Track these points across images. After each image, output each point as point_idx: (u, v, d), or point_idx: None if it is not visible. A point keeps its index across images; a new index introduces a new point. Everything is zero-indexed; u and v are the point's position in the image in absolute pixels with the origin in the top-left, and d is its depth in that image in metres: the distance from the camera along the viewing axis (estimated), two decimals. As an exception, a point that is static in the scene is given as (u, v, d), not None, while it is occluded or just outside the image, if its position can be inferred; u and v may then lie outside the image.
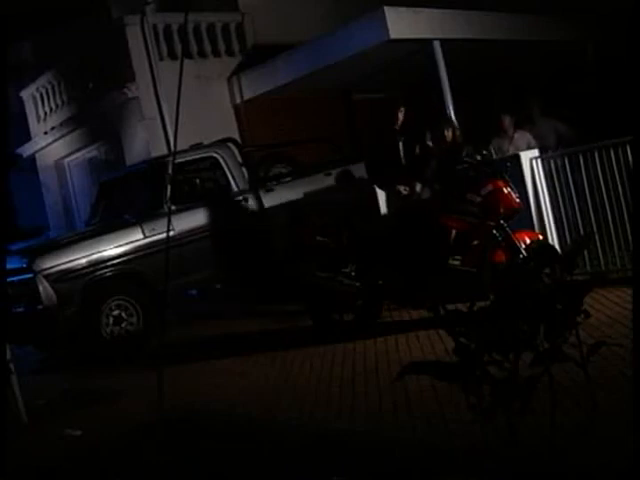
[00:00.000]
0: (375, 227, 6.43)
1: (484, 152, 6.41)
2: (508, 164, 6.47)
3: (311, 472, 3.64)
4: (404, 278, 6.05)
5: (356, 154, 9.43)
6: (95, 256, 7.47)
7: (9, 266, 6.66)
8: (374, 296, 6.25)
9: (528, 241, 6.14)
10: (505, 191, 6.08)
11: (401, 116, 7.45)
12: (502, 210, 6.02)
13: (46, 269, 7.17)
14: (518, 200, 6.19)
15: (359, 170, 9.05)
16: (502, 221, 6.05)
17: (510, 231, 6.02)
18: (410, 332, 5.98)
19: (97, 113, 11.40)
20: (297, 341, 6.58)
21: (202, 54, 11.39)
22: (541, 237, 6.73)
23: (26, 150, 13.45)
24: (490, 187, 6.07)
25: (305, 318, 6.64)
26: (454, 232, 6.06)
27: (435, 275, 5.92)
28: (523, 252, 5.93)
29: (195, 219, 8.04)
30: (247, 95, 11.34)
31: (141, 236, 7.70)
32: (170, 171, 7.83)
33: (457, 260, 5.98)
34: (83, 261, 7.38)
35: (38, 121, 13.12)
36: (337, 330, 6.32)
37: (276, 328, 7.36)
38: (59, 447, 4.85)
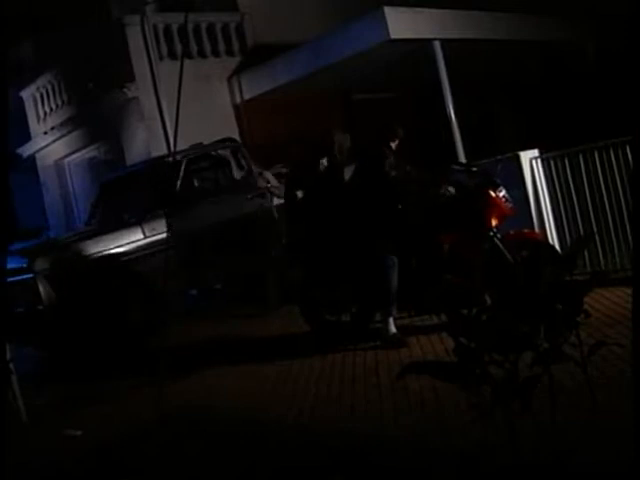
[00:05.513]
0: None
1: (473, 169, 6.33)
2: (500, 163, 6.41)
3: (311, 472, 3.65)
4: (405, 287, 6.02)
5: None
6: (95, 256, 7.48)
7: (9, 266, 6.65)
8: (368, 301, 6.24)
9: (526, 243, 6.09)
10: (495, 200, 5.95)
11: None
12: (493, 221, 5.95)
13: (46, 269, 7.17)
14: (510, 205, 6.10)
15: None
16: (493, 231, 5.96)
17: (499, 242, 5.93)
18: (410, 332, 5.98)
19: (97, 113, 11.41)
20: (297, 341, 6.58)
21: (202, 54, 11.41)
22: (541, 237, 6.72)
23: (26, 150, 13.46)
24: (479, 197, 5.99)
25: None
26: (447, 246, 5.99)
27: (430, 287, 5.86)
28: (511, 260, 5.85)
29: (195, 219, 8.03)
30: (247, 95, 11.35)
31: (141, 236, 7.71)
32: (170, 171, 7.85)
33: (450, 275, 5.92)
34: (83, 261, 7.38)
35: (38, 121, 13.13)
36: (334, 332, 6.32)
37: (276, 328, 7.35)
38: (59, 447, 4.86)
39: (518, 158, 7.10)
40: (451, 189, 6.08)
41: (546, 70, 12.23)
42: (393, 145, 6.21)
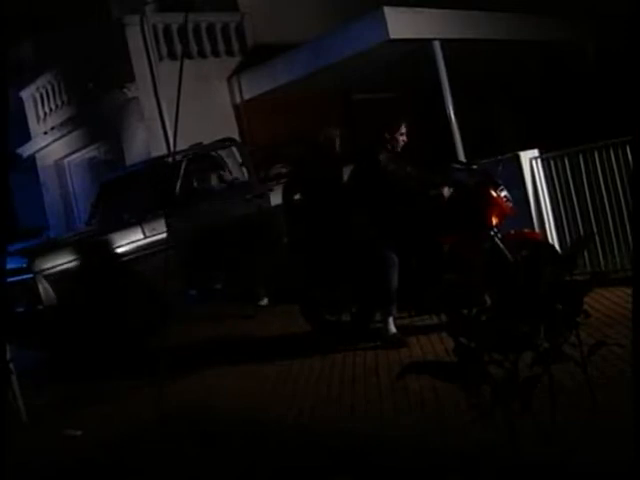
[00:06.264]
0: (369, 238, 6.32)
1: (473, 167, 6.31)
2: (500, 163, 6.40)
3: (311, 472, 3.65)
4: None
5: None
6: (95, 256, 7.47)
7: (9, 266, 6.64)
8: (368, 302, 6.24)
9: (526, 242, 6.08)
10: (496, 199, 5.94)
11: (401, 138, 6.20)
12: (494, 219, 5.94)
13: (46, 269, 7.17)
14: (510, 204, 6.09)
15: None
16: (494, 230, 5.95)
17: (499, 241, 5.91)
18: (410, 332, 5.99)
19: (97, 113, 11.41)
20: (297, 341, 6.58)
21: (202, 54, 11.41)
22: (541, 237, 6.72)
23: (26, 150, 13.46)
24: (480, 196, 5.96)
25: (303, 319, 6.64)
26: (447, 246, 5.98)
27: (430, 288, 5.85)
28: (511, 260, 5.83)
29: (195, 219, 8.02)
30: (247, 95, 11.36)
31: (141, 236, 7.71)
32: (170, 171, 7.85)
33: (451, 275, 5.91)
34: (83, 261, 7.38)
35: (38, 121, 13.13)
36: (334, 332, 6.33)
37: (276, 328, 7.35)
38: (59, 447, 4.86)
39: (518, 158, 7.09)
40: (451, 189, 6.07)
41: (546, 70, 12.23)
42: (392, 137, 6.16)
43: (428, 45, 9.55)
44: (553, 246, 6.76)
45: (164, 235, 7.34)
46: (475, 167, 6.28)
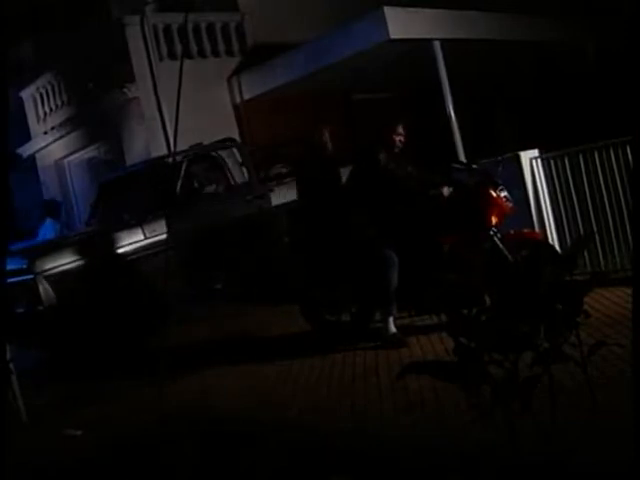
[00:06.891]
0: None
1: (473, 166, 6.30)
2: (501, 164, 6.39)
3: (311, 472, 3.64)
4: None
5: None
6: (95, 257, 7.47)
7: (9, 267, 6.63)
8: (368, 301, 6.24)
9: (525, 242, 6.08)
10: (495, 200, 5.93)
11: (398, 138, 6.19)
12: (494, 220, 5.94)
13: (46, 270, 7.17)
14: (510, 204, 6.08)
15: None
16: (493, 230, 5.93)
17: (499, 241, 5.90)
18: (410, 332, 5.98)
19: (97, 113, 11.42)
20: (297, 341, 6.58)
21: (202, 54, 11.41)
22: (541, 237, 6.72)
23: (26, 150, 13.46)
24: (480, 196, 5.95)
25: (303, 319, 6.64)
26: (447, 246, 5.97)
27: (430, 288, 5.84)
28: (510, 258, 5.83)
29: (195, 219, 8.02)
30: (247, 95, 11.36)
31: (142, 237, 7.70)
32: (170, 171, 7.86)
33: (451, 275, 5.89)
34: (83, 262, 7.37)
35: (38, 121, 13.13)
36: (334, 332, 6.33)
37: (276, 328, 7.35)
38: (59, 447, 4.86)
39: (518, 158, 7.09)
40: (451, 189, 6.07)
41: (546, 70, 12.23)
42: (391, 137, 6.16)
43: (428, 45, 9.55)
44: (553, 246, 6.75)
45: (164, 236, 7.34)
46: (475, 167, 6.28)
